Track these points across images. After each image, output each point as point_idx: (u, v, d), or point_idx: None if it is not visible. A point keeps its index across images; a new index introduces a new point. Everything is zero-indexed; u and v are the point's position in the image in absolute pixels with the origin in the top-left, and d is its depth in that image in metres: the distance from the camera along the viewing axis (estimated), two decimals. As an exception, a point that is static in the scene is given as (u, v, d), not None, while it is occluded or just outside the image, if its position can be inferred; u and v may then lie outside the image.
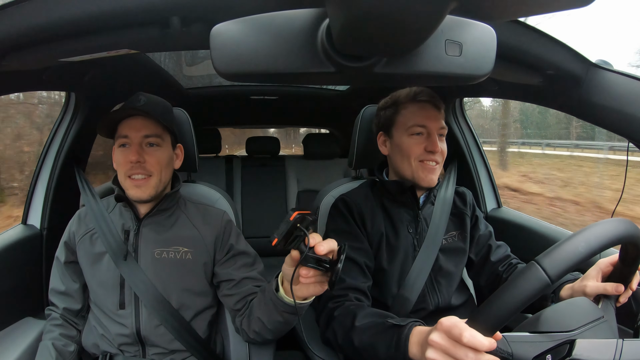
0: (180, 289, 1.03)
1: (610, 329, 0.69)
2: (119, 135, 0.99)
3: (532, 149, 14.53)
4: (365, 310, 0.89)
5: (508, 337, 0.64)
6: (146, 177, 0.99)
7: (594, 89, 0.89)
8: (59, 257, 1.08)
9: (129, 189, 1.00)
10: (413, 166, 1.04)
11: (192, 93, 2.22)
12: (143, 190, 0.99)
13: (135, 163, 0.97)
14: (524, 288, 0.58)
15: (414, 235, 1.07)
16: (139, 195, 0.99)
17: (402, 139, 1.05)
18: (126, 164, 0.98)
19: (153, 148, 1.00)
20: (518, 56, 0.87)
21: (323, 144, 2.72)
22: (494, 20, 0.55)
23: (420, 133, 1.03)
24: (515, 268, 1.09)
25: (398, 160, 1.07)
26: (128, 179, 0.99)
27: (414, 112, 1.04)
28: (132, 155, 0.97)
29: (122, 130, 0.98)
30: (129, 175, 0.99)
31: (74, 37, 0.72)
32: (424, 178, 1.03)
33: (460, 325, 0.60)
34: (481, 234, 1.16)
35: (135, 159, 0.97)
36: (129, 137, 0.98)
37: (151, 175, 0.99)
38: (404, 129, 1.05)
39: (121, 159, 0.99)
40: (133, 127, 0.98)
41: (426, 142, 1.02)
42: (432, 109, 1.04)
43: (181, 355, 1.04)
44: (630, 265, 0.74)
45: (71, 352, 1.04)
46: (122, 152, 0.99)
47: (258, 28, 0.50)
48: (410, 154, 1.03)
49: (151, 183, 1.00)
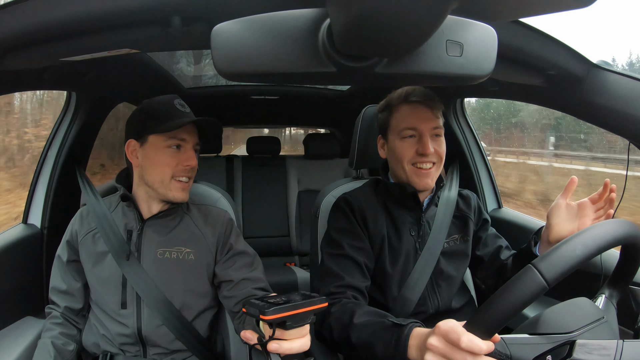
0: (183, 290, 1.03)
1: (611, 330, 0.68)
2: (175, 136, 0.99)
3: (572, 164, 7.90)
4: (363, 308, 0.89)
5: (506, 339, 0.64)
6: (189, 181, 1.03)
7: (595, 90, 0.89)
8: (61, 255, 1.08)
9: (174, 190, 1.01)
10: (407, 170, 1.03)
11: (192, 93, 2.23)
12: (186, 193, 1.03)
13: (192, 167, 1.01)
14: (521, 292, 0.57)
15: (416, 239, 1.07)
16: (184, 197, 1.02)
17: (395, 143, 1.04)
18: (177, 166, 1.00)
19: (196, 154, 1.04)
20: (519, 56, 0.87)
21: (324, 144, 2.72)
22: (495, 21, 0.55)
23: (412, 136, 1.02)
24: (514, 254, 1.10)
25: (393, 164, 1.07)
26: (174, 181, 1.00)
27: (405, 115, 1.03)
28: (192, 160, 1.01)
29: (180, 134, 1.00)
30: (175, 177, 1.00)
31: (75, 37, 0.72)
32: (418, 183, 1.02)
33: (458, 329, 0.60)
34: (489, 233, 1.16)
35: (195, 164, 1.01)
36: (187, 141, 1.01)
37: (192, 177, 1.04)
38: (396, 132, 1.04)
39: (172, 160, 1.00)
40: (189, 133, 1.02)
41: (417, 145, 1.01)
42: (425, 110, 1.02)
43: (182, 355, 1.04)
44: (630, 264, 0.74)
45: (70, 351, 1.04)
46: (173, 154, 1.00)
47: (259, 28, 0.50)
48: (403, 158, 1.02)
49: (190, 185, 1.04)
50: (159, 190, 1.01)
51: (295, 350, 0.65)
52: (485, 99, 6.83)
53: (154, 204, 1.04)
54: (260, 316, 0.61)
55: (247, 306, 0.64)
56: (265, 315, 0.60)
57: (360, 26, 0.42)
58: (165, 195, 1.01)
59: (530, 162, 8.34)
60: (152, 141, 1.00)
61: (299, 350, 0.65)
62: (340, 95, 2.37)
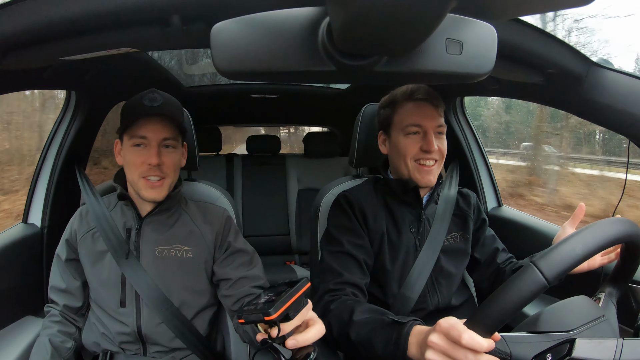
0: (182, 288, 1.03)
1: (611, 328, 0.68)
2: (134, 134, 0.97)
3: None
4: (362, 305, 0.89)
5: (507, 337, 0.64)
6: (161, 179, 0.99)
7: (594, 88, 0.89)
8: (60, 254, 1.08)
9: (142, 189, 0.99)
10: (410, 166, 1.03)
11: (192, 91, 2.22)
12: (158, 191, 0.99)
13: (154, 166, 0.97)
14: (521, 290, 0.58)
15: (416, 235, 1.07)
16: (154, 197, 0.99)
17: (399, 139, 1.05)
18: (142, 165, 0.97)
19: (169, 150, 1.00)
20: (519, 55, 0.87)
21: (324, 143, 2.72)
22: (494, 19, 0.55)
23: (416, 132, 1.03)
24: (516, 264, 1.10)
25: (395, 160, 1.07)
26: (143, 180, 0.98)
27: (410, 111, 1.04)
28: (153, 159, 0.96)
29: (139, 131, 0.97)
30: (144, 176, 0.98)
31: (75, 36, 0.72)
32: (420, 179, 1.03)
33: (459, 326, 0.60)
34: (487, 235, 1.16)
35: (157, 162, 0.96)
36: (148, 139, 0.97)
37: (166, 176, 1.00)
38: (400, 128, 1.05)
39: (137, 159, 0.98)
40: (152, 129, 0.97)
41: (422, 142, 1.02)
42: (429, 107, 1.03)
43: (182, 353, 1.04)
44: (630, 262, 0.74)
45: (68, 349, 1.04)
46: (137, 153, 0.98)
47: (259, 26, 0.50)
48: (407, 154, 1.03)
49: (165, 184, 1.00)
50: (135, 189, 1.01)
51: (312, 339, 0.64)
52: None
53: (145, 202, 1.04)
54: (265, 318, 0.60)
55: (244, 316, 0.63)
56: (270, 315, 0.60)
57: (359, 24, 0.42)
58: (140, 194, 1.01)
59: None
60: (125, 141, 1.00)
61: (315, 338, 0.65)
62: (340, 94, 2.37)
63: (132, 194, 1.05)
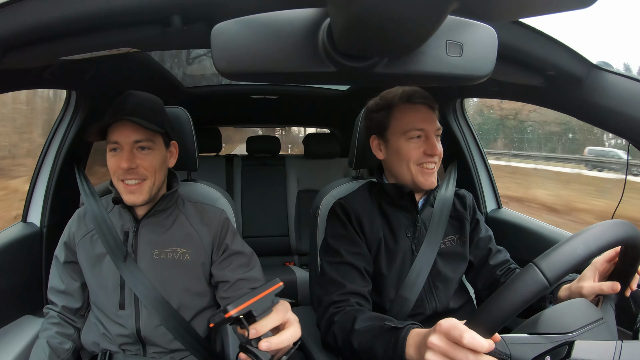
0: (180, 290, 1.03)
1: (610, 331, 0.68)
2: (109, 140, 0.97)
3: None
4: (365, 314, 0.90)
5: (506, 338, 0.64)
6: (140, 182, 0.98)
7: (594, 90, 0.89)
8: (59, 256, 1.08)
9: (123, 194, 0.99)
10: (412, 171, 1.02)
11: (192, 92, 2.22)
12: (137, 195, 0.98)
13: (127, 169, 0.96)
14: (522, 290, 0.58)
15: (412, 240, 1.06)
16: (133, 201, 0.98)
17: (400, 143, 1.03)
18: (118, 169, 0.97)
19: (145, 152, 0.98)
20: (519, 57, 0.87)
21: (323, 144, 2.72)
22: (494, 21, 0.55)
23: (418, 136, 1.02)
24: (513, 273, 1.08)
25: (396, 165, 1.05)
26: (121, 183, 0.98)
27: (409, 115, 1.02)
28: (124, 162, 0.95)
29: (112, 136, 0.96)
30: (121, 180, 0.98)
31: (75, 36, 0.72)
32: (424, 182, 1.02)
33: (460, 327, 0.60)
34: (481, 236, 1.15)
35: (127, 165, 0.95)
36: (119, 143, 0.96)
37: (145, 179, 0.98)
38: (400, 132, 1.03)
39: (113, 164, 0.97)
40: (122, 133, 0.96)
41: (425, 146, 1.01)
42: (428, 111, 1.03)
43: (181, 354, 1.04)
44: (630, 265, 0.74)
45: (67, 350, 1.04)
46: (113, 157, 0.97)
47: (259, 27, 0.50)
48: (410, 158, 1.02)
49: (145, 188, 0.98)
50: (120, 194, 1.00)
51: (286, 342, 0.64)
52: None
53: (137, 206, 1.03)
54: (225, 316, 0.61)
55: (211, 319, 0.63)
56: (228, 312, 0.60)
57: (360, 26, 0.42)
58: (123, 199, 1.00)
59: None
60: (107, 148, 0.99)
61: (290, 341, 0.64)
62: (340, 95, 2.37)
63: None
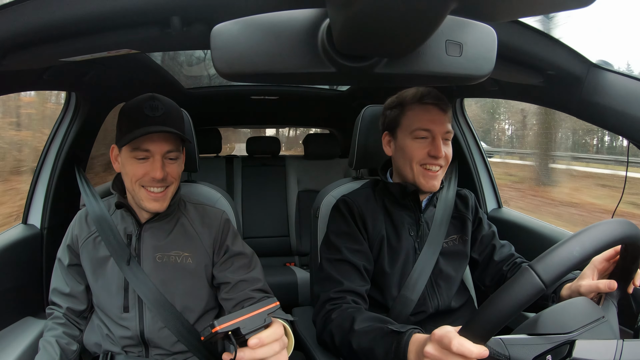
0: (184, 293, 1.03)
1: (611, 329, 0.68)
2: (137, 147, 0.94)
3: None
4: (363, 314, 0.90)
5: (506, 339, 0.64)
6: (164, 190, 0.98)
7: (594, 90, 0.89)
8: (62, 259, 1.08)
9: (144, 200, 0.97)
10: (415, 170, 1.02)
11: (192, 93, 2.22)
12: (161, 202, 0.97)
13: (160, 179, 0.94)
14: (518, 294, 0.58)
15: (415, 239, 1.07)
16: (157, 208, 0.97)
17: (406, 142, 1.03)
18: (144, 177, 0.95)
19: (172, 161, 0.98)
20: (519, 57, 0.87)
21: (323, 144, 2.72)
22: (494, 21, 0.55)
23: (424, 137, 1.01)
24: (520, 267, 1.08)
25: (400, 163, 1.06)
26: (143, 190, 0.96)
27: (419, 115, 1.02)
28: (157, 173, 0.93)
29: (143, 144, 0.94)
30: (143, 186, 0.96)
31: (75, 37, 0.72)
32: (424, 184, 1.02)
33: (450, 334, 0.62)
34: (484, 234, 1.15)
35: (162, 176, 0.94)
36: (151, 152, 0.94)
37: (170, 185, 0.98)
38: (408, 131, 1.03)
39: (138, 171, 0.95)
40: (155, 142, 0.94)
41: (430, 147, 1.01)
42: (438, 112, 1.02)
43: (183, 356, 1.04)
44: (631, 262, 0.74)
45: (74, 351, 1.04)
46: (140, 165, 0.95)
47: (258, 28, 0.50)
48: (413, 158, 1.02)
49: (168, 194, 0.99)
50: (135, 198, 0.99)
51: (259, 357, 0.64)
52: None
53: (143, 210, 1.02)
54: (212, 330, 0.62)
55: (201, 332, 0.64)
56: (214, 327, 0.61)
57: (359, 26, 0.42)
58: (140, 204, 0.99)
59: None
60: (125, 150, 0.96)
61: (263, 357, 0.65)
62: (340, 96, 2.37)
63: (131, 202, 1.03)
